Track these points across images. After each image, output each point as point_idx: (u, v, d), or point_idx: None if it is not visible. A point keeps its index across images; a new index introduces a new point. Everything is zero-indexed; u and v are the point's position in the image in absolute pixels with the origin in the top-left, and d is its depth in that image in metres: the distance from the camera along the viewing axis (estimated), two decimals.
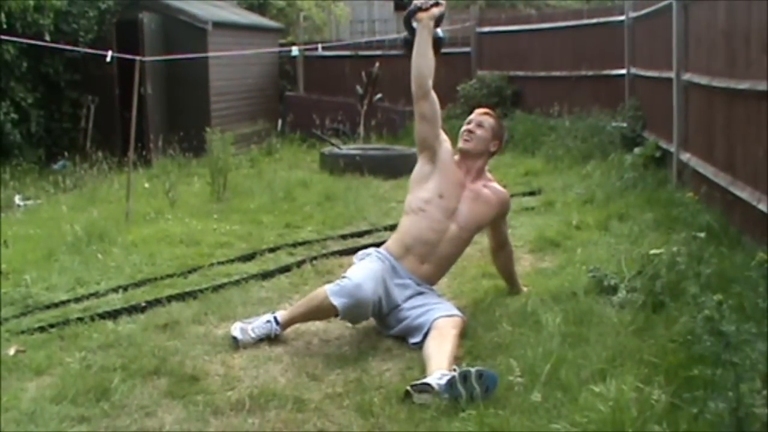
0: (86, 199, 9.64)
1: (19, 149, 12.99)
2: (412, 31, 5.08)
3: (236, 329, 4.62)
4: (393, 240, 5.05)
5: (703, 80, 7.27)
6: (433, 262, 4.94)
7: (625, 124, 10.88)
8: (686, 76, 7.95)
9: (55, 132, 14.10)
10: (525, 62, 14.66)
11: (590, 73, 12.95)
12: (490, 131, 5.13)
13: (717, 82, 6.73)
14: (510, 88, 14.73)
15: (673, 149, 8.40)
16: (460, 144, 5.09)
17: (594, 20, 13.14)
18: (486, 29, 15.73)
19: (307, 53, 16.64)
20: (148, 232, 7.37)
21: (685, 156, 7.95)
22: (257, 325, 4.65)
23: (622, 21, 11.92)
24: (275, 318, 4.70)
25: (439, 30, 5.17)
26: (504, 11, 19.68)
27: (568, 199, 8.33)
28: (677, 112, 8.22)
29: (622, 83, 11.84)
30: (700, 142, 7.57)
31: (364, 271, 4.64)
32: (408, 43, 5.12)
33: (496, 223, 5.22)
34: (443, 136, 5.10)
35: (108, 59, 9.81)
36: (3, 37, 11.53)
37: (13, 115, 12.84)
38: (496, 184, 5.23)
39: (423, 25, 5.00)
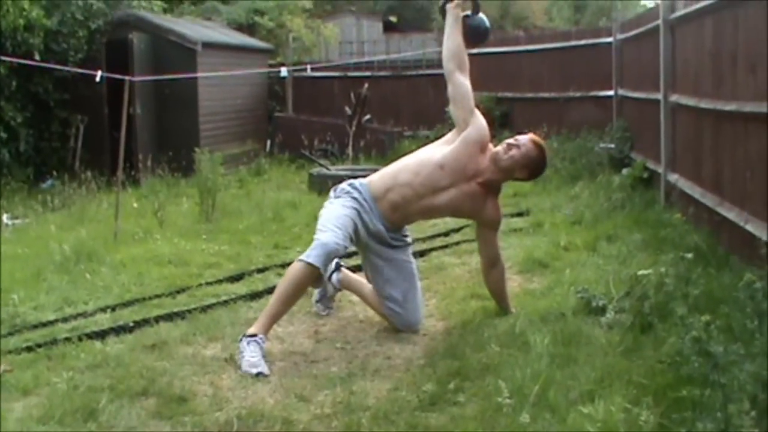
0: (75, 219, 9.62)
1: (8, 168, 12.99)
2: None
3: (253, 368, 4.48)
4: (379, 177, 5.21)
5: (690, 101, 7.31)
6: (402, 214, 5.09)
7: (613, 145, 10.93)
8: (674, 98, 8.00)
9: (44, 151, 14.10)
10: (513, 83, 14.72)
11: (578, 94, 13.02)
12: (524, 159, 5.10)
13: (704, 104, 6.77)
14: (498, 109, 14.75)
15: (660, 170, 8.43)
16: (500, 153, 5.10)
17: (582, 42, 13.24)
18: (474, 51, 15.69)
19: (296, 74, 16.69)
20: (137, 251, 7.36)
21: (673, 177, 7.99)
22: (248, 353, 4.54)
23: (610, 42, 12.01)
24: (250, 336, 4.63)
25: (481, 17, 5.32)
26: (492, 33, 19.76)
27: (556, 220, 8.34)
28: (665, 133, 8.26)
29: (610, 104, 11.91)
30: (688, 163, 7.61)
31: (331, 222, 4.85)
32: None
33: (484, 232, 5.29)
34: (477, 119, 5.12)
35: (98, 79, 9.83)
36: None
37: (2, 134, 12.86)
38: (496, 206, 5.26)
39: (450, 12, 5.18)
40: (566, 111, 13.20)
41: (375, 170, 10.84)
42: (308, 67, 15.91)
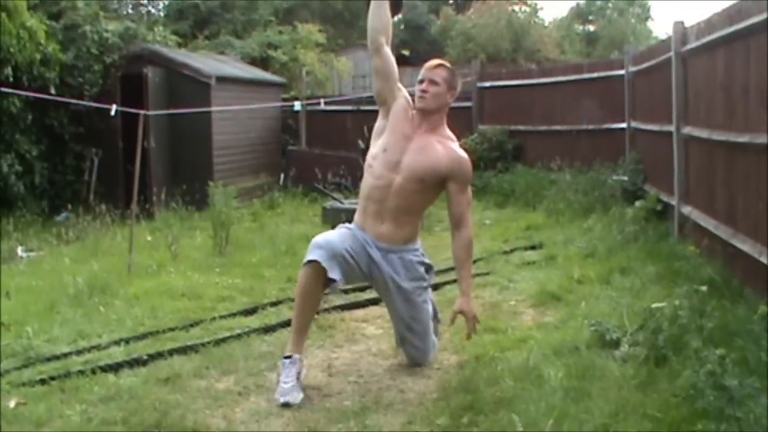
0: (89, 252, 9.65)
1: (23, 201, 13.09)
2: None
3: (281, 396, 4.51)
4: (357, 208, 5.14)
5: (703, 133, 7.31)
6: (389, 219, 4.94)
7: (626, 178, 10.91)
8: (686, 130, 8.00)
9: (58, 184, 14.22)
10: (526, 116, 14.74)
11: (591, 126, 13.03)
12: (444, 84, 5.01)
13: (717, 136, 6.77)
14: (511, 142, 14.82)
15: (674, 202, 8.42)
16: (417, 104, 5.00)
17: (594, 74, 13.24)
18: (487, 84, 15.85)
19: (310, 108, 16.75)
20: (150, 285, 7.37)
21: (686, 209, 7.97)
22: (283, 377, 4.59)
23: (622, 75, 12.03)
24: (286, 357, 4.69)
25: None
26: (505, 66, 19.84)
27: (569, 253, 8.32)
28: (678, 165, 8.26)
29: (623, 137, 11.91)
30: (701, 195, 7.59)
31: (320, 235, 4.87)
32: None
33: (449, 189, 4.99)
34: (400, 93, 5.06)
35: (112, 113, 9.90)
36: (9, 90, 11.66)
37: (18, 167, 12.97)
38: (454, 145, 5.07)
39: None
40: (579, 143, 13.21)
41: None
42: (321, 100, 15.99)
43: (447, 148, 5.00)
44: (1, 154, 12.79)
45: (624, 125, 11.90)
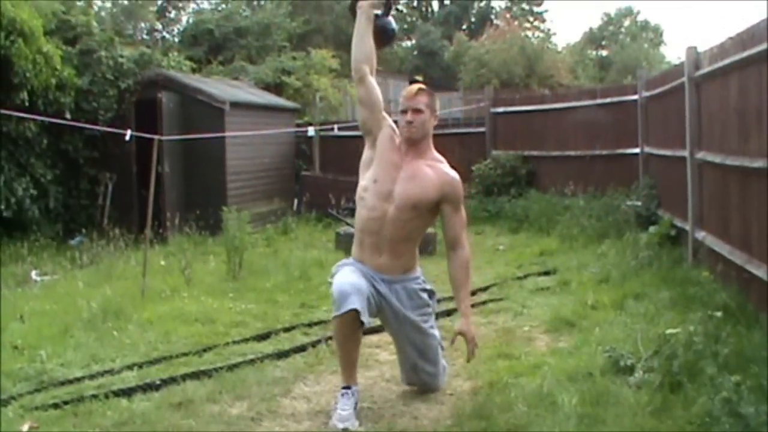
0: (102, 276, 9.67)
1: (37, 225, 13.16)
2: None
3: (340, 422, 4.53)
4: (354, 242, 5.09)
5: (716, 158, 7.29)
6: (386, 250, 4.88)
7: (639, 203, 10.89)
8: (700, 155, 7.99)
9: (73, 208, 14.29)
10: (539, 142, 14.76)
11: (604, 152, 13.02)
12: (428, 110, 4.96)
13: (731, 161, 6.76)
14: (524, 167, 14.83)
15: (688, 227, 8.39)
16: (404, 134, 4.94)
17: (608, 99, 13.26)
18: (500, 109, 15.88)
19: (323, 133, 16.80)
20: (164, 309, 7.38)
21: (701, 234, 7.95)
22: (341, 405, 4.62)
23: (635, 100, 12.02)
24: (344, 388, 4.72)
25: (389, 19, 5.17)
26: (518, 91, 19.87)
27: (583, 279, 8.30)
28: (691, 190, 8.24)
29: (636, 162, 11.90)
30: (715, 220, 7.57)
31: (340, 277, 4.73)
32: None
33: (444, 211, 4.94)
34: (385, 122, 5.03)
35: (127, 138, 9.94)
36: (25, 115, 11.74)
37: (33, 191, 13.05)
38: (444, 166, 5.00)
39: (362, 11, 4.98)
40: (592, 169, 13.21)
41: None
42: (335, 126, 16.03)
43: (437, 170, 4.94)
44: (16, 177, 12.87)
45: (637, 150, 11.88)
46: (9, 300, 8.27)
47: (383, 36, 5.13)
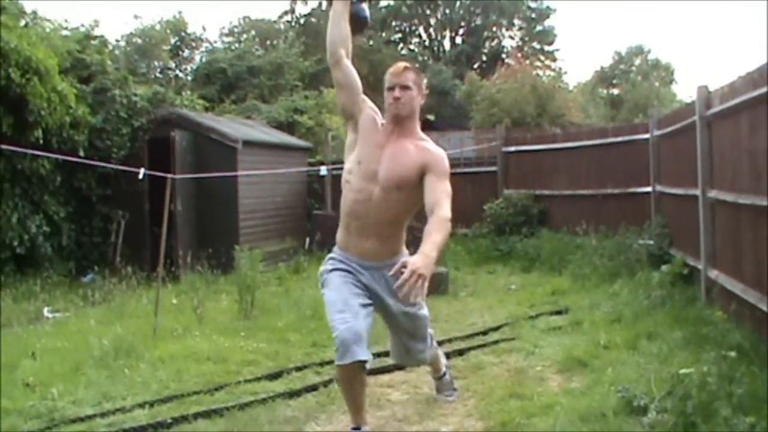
0: (114, 314, 9.69)
1: (50, 261, 13.22)
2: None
3: None
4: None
5: (728, 197, 7.29)
6: (373, 234, 4.78)
7: (651, 242, 10.86)
8: (712, 193, 7.98)
9: (85, 245, 14.36)
10: (551, 181, 14.77)
11: (616, 191, 13.02)
12: (416, 87, 4.88)
13: (743, 199, 6.75)
14: (536, 206, 14.83)
15: (700, 266, 8.37)
16: (391, 111, 4.83)
17: (619, 138, 13.26)
18: (512, 148, 15.91)
19: (335, 172, 16.82)
20: (176, 348, 7.38)
21: (713, 273, 7.92)
22: None
23: (647, 139, 12.03)
24: (354, 428, 4.76)
25: (363, 6, 5.14)
26: (529, 130, 19.90)
27: (595, 318, 8.26)
28: (704, 229, 8.22)
29: (648, 201, 11.89)
30: (728, 259, 7.55)
31: (332, 312, 4.64)
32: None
33: (426, 181, 4.69)
34: (365, 104, 4.92)
35: (140, 177, 9.99)
36: (39, 152, 11.84)
37: (46, 228, 13.14)
38: (428, 144, 4.87)
39: None
40: (604, 208, 13.20)
41: None
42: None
43: (420, 147, 4.81)
44: (29, 215, 12.95)
45: (649, 189, 11.88)
46: (21, 337, 8.29)
47: (356, 22, 5.07)
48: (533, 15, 45.50)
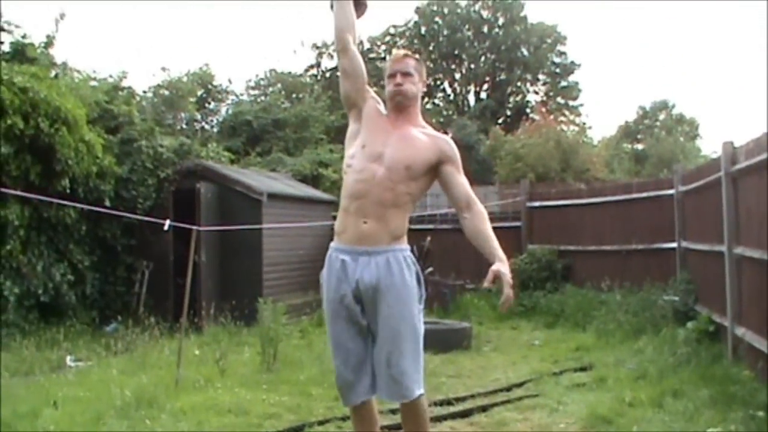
0: (137, 364, 9.68)
1: (74, 310, 13.27)
2: None
3: None
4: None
5: (755, 253, 7.24)
6: (372, 215, 4.56)
7: (677, 298, 10.79)
8: (738, 250, 7.93)
9: (109, 295, 14.41)
10: (575, 236, 14.74)
11: (641, 246, 12.96)
12: (417, 74, 4.81)
13: None
14: (560, 262, 14.78)
15: (727, 323, 8.29)
16: (394, 99, 4.74)
17: (644, 194, 13.23)
18: (536, 203, 15.91)
19: None
20: (197, 399, 7.36)
21: (740, 330, 7.84)
22: None
23: (671, 194, 12.01)
24: None
25: None
26: (554, 185, 19.91)
27: (620, 375, 8.19)
28: (730, 285, 8.16)
29: (673, 256, 11.83)
30: (755, 316, 7.47)
31: (335, 356, 4.75)
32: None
33: (445, 173, 4.67)
34: (369, 93, 4.84)
35: (165, 228, 10.03)
36: (65, 202, 11.94)
37: (70, 276, 13.20)
38: (435, 132, 4.81)
39: None
40: (629, 263, 13.14)
41: (436, 323, 10.59)
42: None
43: (429, 135, 4.74)
44: (54, 263, 13.02)
45: (674, 245, 11.83)
46: (43, 386, 8.29)
47: (357, 8, 4.98)
48: (558, 70, 45.76)
